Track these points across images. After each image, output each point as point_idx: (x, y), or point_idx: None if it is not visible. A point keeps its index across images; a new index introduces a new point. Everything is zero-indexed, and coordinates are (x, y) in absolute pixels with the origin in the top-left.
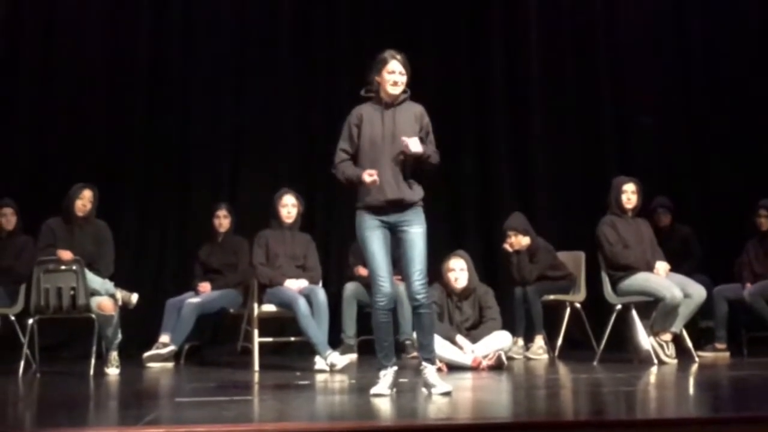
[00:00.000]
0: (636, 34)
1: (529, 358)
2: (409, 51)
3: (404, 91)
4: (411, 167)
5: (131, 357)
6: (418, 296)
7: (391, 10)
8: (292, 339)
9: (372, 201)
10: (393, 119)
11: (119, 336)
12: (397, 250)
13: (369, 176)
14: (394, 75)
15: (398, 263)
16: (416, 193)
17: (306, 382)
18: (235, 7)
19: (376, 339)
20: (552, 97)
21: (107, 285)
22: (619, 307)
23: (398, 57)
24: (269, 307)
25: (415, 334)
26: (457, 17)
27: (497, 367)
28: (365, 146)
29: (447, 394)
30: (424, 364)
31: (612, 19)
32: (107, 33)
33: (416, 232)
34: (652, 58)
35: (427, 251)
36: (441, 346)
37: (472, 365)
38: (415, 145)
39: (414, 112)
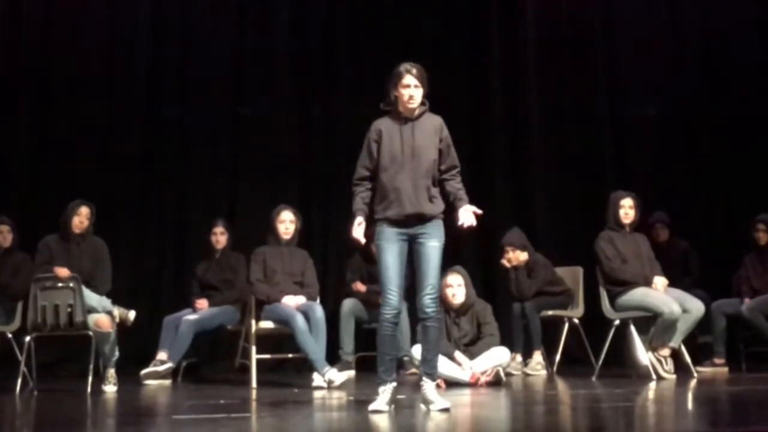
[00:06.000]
0: (634, 48)
1: (527, 374)
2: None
3: (422, 104)
4: (433, 182)
5: (129, 374)
6: (428, 309)
7: (390, 27)
8: (290, 356)
9: (392, 215)
10: (412, 133)
11: (116, 353)
12: (410, 264)
13: (355, 230)
14: (409, 89)
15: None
16: (437, 206)
17: (304, 399)
18: (233, 21)
19: (378, 352)
20: (550, 112)
21: (104, 302)
22: (617, 322)
23: (413, 71)
24: (267, 324)
25: (413, 350)
26: (455, 31)
27: (495, 383)
28: (385, 161)
29: (446, 410)
30: (425, 379)
31: (610, 34)
32: (105, 51)
33: (433, 246)
34: (650, 73)
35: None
36: (439, 362)
37: (470, 381)
38: (469, 219)
39: (433, 124)
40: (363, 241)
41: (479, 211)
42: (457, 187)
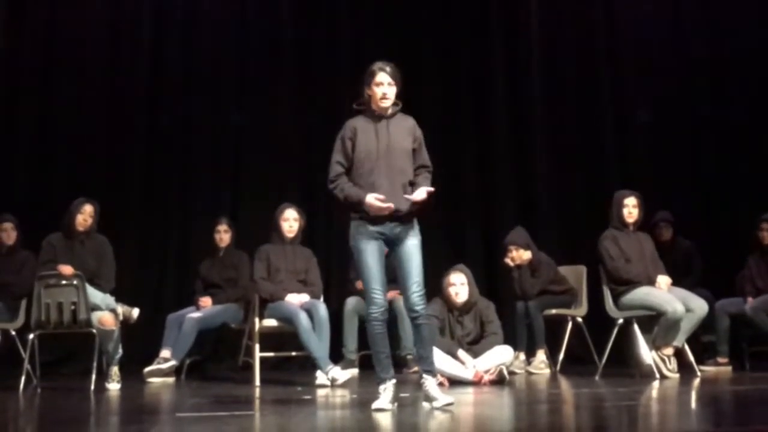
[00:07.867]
0: (637, 48)
1: (530, 373)
2: (410, 67)
3: (395, 104)
4: (408, 180)
5: (132, 372)
6: (417, 308)
7: (392, 28)
8: (293, 354)
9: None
10: (387, 131)
11: (120, 351)
12: (393, 263)
13: (376, 200)
14: (382, 87)
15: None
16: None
17: (307, 397)
18: (235, 23)
19: (372, 351)
20: (553, 112)
21: (108, 300)
22: (620, 321)
23: (386, 69)
24: (270, 322)
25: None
26: (458, 32)
27: (499, 381)
28: (360, 158)
29: (449, 405)
30: (425, 376)
31: (613, 35)
32: (108, 50)
33: (413, 244)
34: (653, 73)
35: (426, 264)
36: (442, 360)
37: (473, 380)
38: (419, 194)
39: (407, 124)
40: (391, 205)
41: (431, 189)
42: (426, 182)
